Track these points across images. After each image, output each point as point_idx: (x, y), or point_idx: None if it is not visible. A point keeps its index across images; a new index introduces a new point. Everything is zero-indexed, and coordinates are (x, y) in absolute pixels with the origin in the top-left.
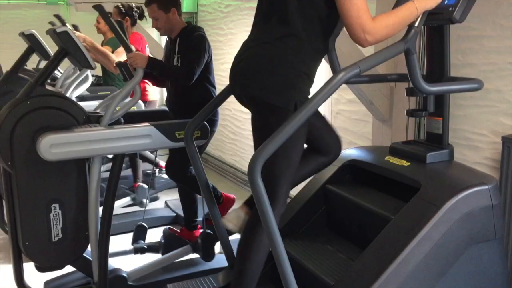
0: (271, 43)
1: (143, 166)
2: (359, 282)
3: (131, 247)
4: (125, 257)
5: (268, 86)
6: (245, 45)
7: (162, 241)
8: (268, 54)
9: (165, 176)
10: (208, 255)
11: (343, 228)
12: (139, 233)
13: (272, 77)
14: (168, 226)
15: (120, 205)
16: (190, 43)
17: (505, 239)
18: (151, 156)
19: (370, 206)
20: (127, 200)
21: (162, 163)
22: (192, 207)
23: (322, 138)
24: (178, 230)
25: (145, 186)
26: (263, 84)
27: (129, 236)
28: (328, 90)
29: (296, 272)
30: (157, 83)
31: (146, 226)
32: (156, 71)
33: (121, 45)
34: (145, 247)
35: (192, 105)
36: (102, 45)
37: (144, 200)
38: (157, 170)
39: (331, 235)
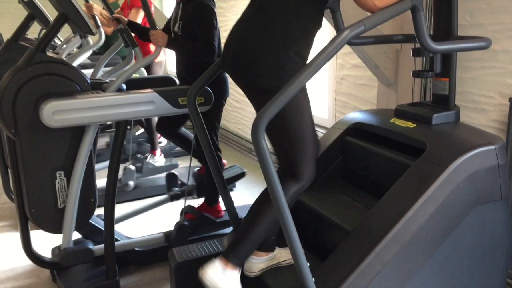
0: (259, 26)
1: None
2: (365, 242)
3: (166, 196)
4: (124, 224)
5: (259, 72)
6: (236, 26)
7: (194, 183)
8: (256, 39)
9: (154, 162)
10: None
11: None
12: (171, 181)
13: (262, 62)
14: (196, 169)
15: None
16: (195, 14)
17: (511, 200)
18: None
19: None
20: None
21: (157, 151)
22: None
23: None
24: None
25: (133, 168)
26: (253, 71)
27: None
28: (332, 48)
29: (312, 220)
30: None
31: (177, 174)
32: (176, 50)
33: (147, 19)
34: (180, 193)
35: (199, 72)
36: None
37: (131, 183)
38: (149, 155)
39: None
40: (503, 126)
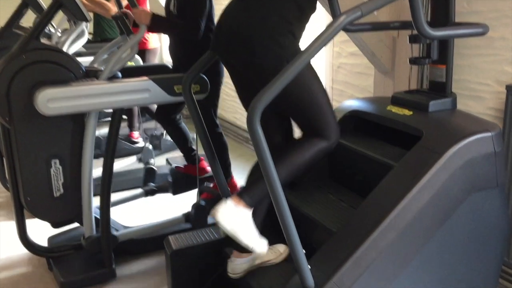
0: (254, 7)
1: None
2: (360, 230)
3: (141, 190)
4: (127, 214)
5: (255, 50)
6: (230, 7)
7: (170, 180)
8: (251, 18)
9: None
10: (201, 226)
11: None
12: (149, 176)
13: (258, 40)
14: (175, 165)
15: (125, 165)
16: None
17: (507, 187)
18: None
19: (373, 155)
20: (133, 160)
21: None
22: (186, 142)
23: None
24: (183, 166)
25: (150, 147)
26: (249, 49)
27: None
28: (328, 34)
29: (297, 220)
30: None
31: (155, 168)
32: (160, 29)
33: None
34: (155, 188)
35: (194, 55)
36: None
37: (151, 160)
38: (165, 132)
39: (333, 185)
40: (500, 114)
